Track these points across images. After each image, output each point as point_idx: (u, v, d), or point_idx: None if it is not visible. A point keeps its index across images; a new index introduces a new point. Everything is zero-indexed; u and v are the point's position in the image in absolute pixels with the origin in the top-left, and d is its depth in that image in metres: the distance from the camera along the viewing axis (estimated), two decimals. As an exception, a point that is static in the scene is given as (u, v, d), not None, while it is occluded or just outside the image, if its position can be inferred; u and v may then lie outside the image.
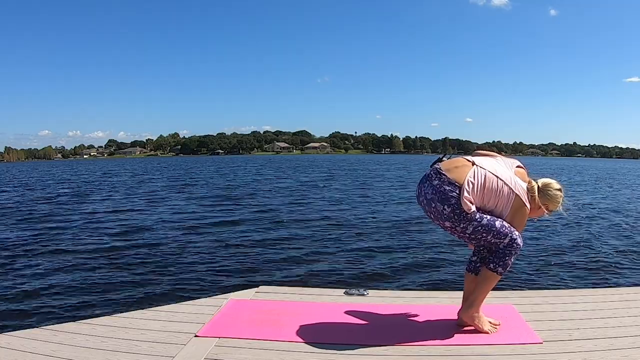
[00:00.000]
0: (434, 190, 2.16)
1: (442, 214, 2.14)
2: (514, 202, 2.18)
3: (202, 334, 2.25)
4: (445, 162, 2.25)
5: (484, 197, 2.16)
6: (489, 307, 2.53)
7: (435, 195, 2.15)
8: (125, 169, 43.59)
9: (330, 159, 73.54)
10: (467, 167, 2.19)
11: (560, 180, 2.43)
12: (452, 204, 2.11)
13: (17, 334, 2.24)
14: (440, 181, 2.16)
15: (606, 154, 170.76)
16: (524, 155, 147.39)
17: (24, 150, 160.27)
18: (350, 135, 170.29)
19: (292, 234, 7.95)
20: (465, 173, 2.15)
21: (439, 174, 2.18)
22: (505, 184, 2.17)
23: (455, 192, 2.12)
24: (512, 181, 2.19)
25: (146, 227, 8.79)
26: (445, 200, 2.12)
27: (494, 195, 2.17)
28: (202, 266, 5.81)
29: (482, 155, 2.36)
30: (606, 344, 2.11)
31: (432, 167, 2.25)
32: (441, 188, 2.14)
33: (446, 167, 2.20)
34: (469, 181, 2.13)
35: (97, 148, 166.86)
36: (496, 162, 2.26)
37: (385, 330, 2.31)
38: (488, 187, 2.15)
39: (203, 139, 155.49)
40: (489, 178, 2.15)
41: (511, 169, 2.27)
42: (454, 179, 2.14)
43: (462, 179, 2.13)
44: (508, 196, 2.17)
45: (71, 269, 5.72)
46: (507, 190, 2.17)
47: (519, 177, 2.25)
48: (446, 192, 2.13)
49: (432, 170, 2.23)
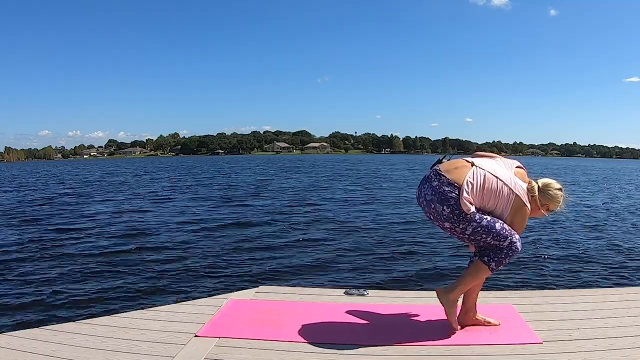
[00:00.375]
0: (433, 191, 2.16)
1: (442, 215, 2.14)
2: (514, 202, 2.18)
3: (202, 334, 2.25)
4: (444, 163, 2.26)
5: (484, 197, 2.16)
6: (489, 307, 2.54)
7: (434, 196, 2.15)
8: (126, 169, 43.57)
9: (330, 159, 73.54)
10: (467, 168, 2.19)
11: (565, 180, 2.43)
12: (451, 204, 2.12)
13: (17, 334, 2.25)
14: (439, 182, 2.16)
15: (606, 154, 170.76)
16: (524, 155, 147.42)
17: (24, 150, 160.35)
18: (350, 135, 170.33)
19: (292, 234, 7.94)
20: (465, 174, 2.16)
21: (438, 175, 2.18)
22: (505, 185, 2.17)
23: (454, 193, 2.12)
24: (512, 181, 2.20)
25: (146, 228, 8.78)
26: (444, 200, 2.13)
27: (493, 196, 2.17)
28: (202, 266, 5.81)
29: (481, 156, 2.36)
30: (606, 344, 2.11)
31: (432, 169, 2.25)
32: (440, 189, 2.14)
33: (445, 169, 2.21)
34: (468, 181, 2.13)
35: (97, 148, 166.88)
36: (495, 163, 2.27)
37: (385, 330, 2.31)
38: (487, 188, 2.15)
39: (203, 139, 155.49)
40: (488, 178, 2.16)
41: (511, 169, 2.27)
42: (453, 179, 2.15)
43: (461, 179, 2.14)
44: (508, 197, 2.17)
45: (71, 269, 5.71)
46: (506, 190, 2.17)
47: (518, 177, 2.25)
48: (445, 192, 2.13)
49: (432, 172, 2.23)
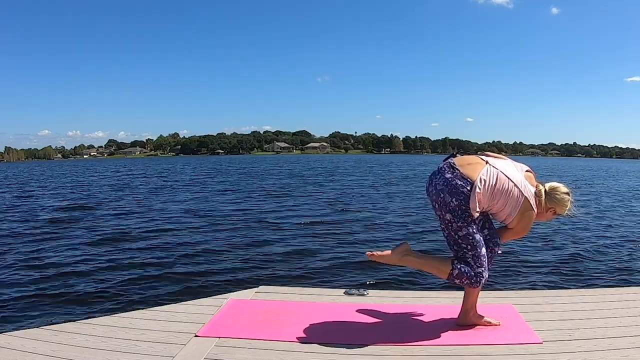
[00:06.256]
0: (445, 181, 2.17)
1: (448, 205, 2.15)
2: (523, 204, 2.20)
3: (202, 334, 2.25)
4: (458, 158, 2.27)
5: (494, 196, 2.17)
6: (489, 307, 2.54)
7: (445, 187, 2.16)
8: (126, 170, 43.57)
9: (331, 159, 73.53)
10: (480, 165, 2.20)
11: (570, 183, 2.44)
12: (460, 198, 2.13)
13: (17, 334, 2.25)
14: (453, 175, 2.17)
15: (606, 154, 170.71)
16: (524, 155, 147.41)
17: (24, 150, 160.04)
18: (350, 135, 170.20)
19: (292, 234, 7.94)
20: (478, 171, 2.17)
21: (453, 168, 2.20)
22: (516, 186, 2.18)
23: (466, 188, 2.13)
24: (522, 184, 2.21)
25: (146, 228, 8.78)
26: (454, 193, 2.14)
27: (503, 196, 2.18)
28: (202, 266, 5.82)
29: (492, 156, 2.38)
30: (606, 344, 2.11)
31: (446, 161, 2.26)
32: (453, 181, 2.15)
33: (459, 163, 2.22)
34: (482, 179, 2.14)
35: (97, 148, 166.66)
36: (507, 164, 2.28)
37: (385, 330, 2.31)
38: (498, 187, 2.16)
39: (203, 139, 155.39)
40: (500, 178, 2.17)
41: (521, 172, 2.29)
42: (466, 174, 2.16)
43: (475, 176, 2.15)
44: (517, 199, 2.19)
45: (70, 269, 5.71)
46: (517, 192, 2.18)
47: (527, 181, 2.27)
48: (457, 186, 2.14)
49: (446, 164, 2.24)
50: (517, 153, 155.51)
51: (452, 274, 2.22)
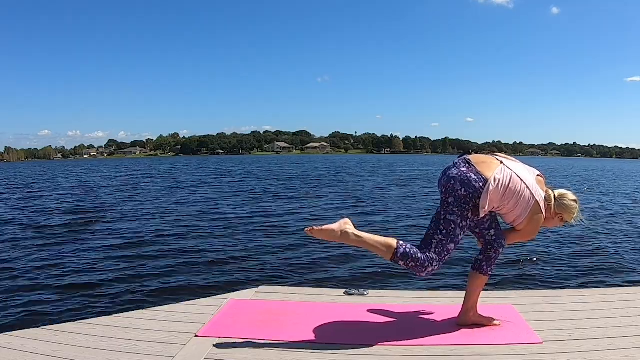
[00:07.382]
0: (460, 172, 2.17)
1: (455, 192, 2.14)
2: (533, 207, 2.21)
3: (202, 334, 2.25)
4: (474, 155, 2.28)
5: (505, 196, 2.17)
6: (489, 307, 2.54)
7: (458, 176, 2.16)
8: (127, 170, 43.56)
9: (331, 159, 73.51)
10: (495, 165, 2.21)
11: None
12: (470, 191, 2.13)
13: (17, 334, 2.24)
14: (467, 169, 2.18)
15: (606, 154, 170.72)
16: (524, 155, 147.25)
17: (24, 150, 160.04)
18: (350, 135, 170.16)
19: (292, 234, 7.93)
20: (492, 170, 2.18)
21: (468, 163, 2.21)
22: (528, 188, 2.19)
23: (479, 184, 2.13)
24: (534, 187, 2.22)
25: (146, 228, 8.78)
26: (466, 184, 2.14)
27: (515, 197, 2.18)
28: (202, 266, 5.81)
29: (506, 157, 2.37)
30: (606, 344, 2.11)
31: (461, 157, 2.28)
32: (468, 174, 2.16)
33: (475, 160, 2.23)
34: (496, 177, 2.15)
35: (97, 148, 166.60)
36: (520, 166, 2.29)
37: (385, 330, 2.31)
38: (511, 188, 2.17)
39: (203, 139, 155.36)
40: (514, 179, 2.18)
41: (533, 175, 2.30)
42: (481, 172, 2.17)
43: (489, 174, 2.16)
44: (528, 201, 2.19)
45: (70, 269, 5.71)
46: (528, 194, 2.19)
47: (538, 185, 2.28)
48: (471, 179, 2.14)
49: (461, 160, 2.25)
50: (517, 153, 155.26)
51: (396, 253, 2.15)
